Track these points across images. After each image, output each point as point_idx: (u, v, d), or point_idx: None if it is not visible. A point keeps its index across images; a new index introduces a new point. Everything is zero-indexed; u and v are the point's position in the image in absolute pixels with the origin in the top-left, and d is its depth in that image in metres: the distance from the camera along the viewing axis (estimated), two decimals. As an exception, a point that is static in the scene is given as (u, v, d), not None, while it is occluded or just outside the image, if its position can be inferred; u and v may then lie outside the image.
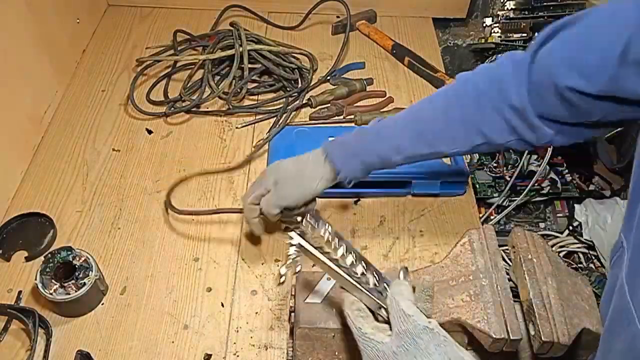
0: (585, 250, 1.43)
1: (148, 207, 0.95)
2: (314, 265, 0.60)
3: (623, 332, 0.50)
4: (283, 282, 0.59)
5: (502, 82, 0.65)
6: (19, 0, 0.97)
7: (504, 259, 0.99)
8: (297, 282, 0.71)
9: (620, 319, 0.51)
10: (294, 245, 0.57)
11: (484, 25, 1.42)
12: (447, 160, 1.00)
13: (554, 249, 1.41)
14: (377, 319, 0.57)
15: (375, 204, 0.97)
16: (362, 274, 0.58)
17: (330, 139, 1.00)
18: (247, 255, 0.89)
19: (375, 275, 0.58)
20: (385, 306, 0.56)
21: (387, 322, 0.55)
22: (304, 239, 0.58)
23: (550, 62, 0.60)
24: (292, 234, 0.58)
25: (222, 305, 0.82)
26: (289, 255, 0.58)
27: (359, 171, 0.75)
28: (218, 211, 0.92)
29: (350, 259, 0.58)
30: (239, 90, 1.11)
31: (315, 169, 0.76)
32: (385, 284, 0.58)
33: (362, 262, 0.59)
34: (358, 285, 0.57)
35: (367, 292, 0.56)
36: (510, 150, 1.49)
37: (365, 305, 0.57)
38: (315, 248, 0.58)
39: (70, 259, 0.79)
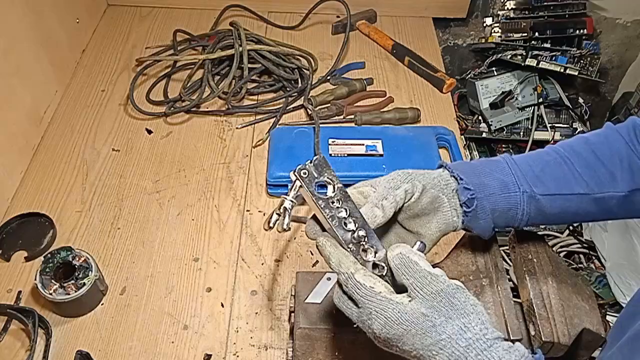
0: (586, 251, 1.43)
1: (148, 207, 0.94)
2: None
3: None
4: (271, 228, 0.54)
5: None
6: (19, 0, 0.97)
7: (504, 259, 0.99)
8: (297, 282, 0.71)
9: None
10: (294, 190, 0.53)
11: (484, 25, 1.42)
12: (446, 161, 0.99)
13: (554, 249, 1.41)
14: None
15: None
16: (363, 243, 0.53)
17: (331, 139, 1.01)
18: (247, 255, 0.88)
19: (375, 248, 0.53)
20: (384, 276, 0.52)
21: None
22: (308, 188, 0.53)
23: None
24: (296, 182, 0.53)
25: (222, 305, 0.82)
26: (286, 199, 0.53)
27: (486, 197, 0.60)
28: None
29: (351, 225, 0.53)
30: (238, 90, 1.11)
31: (428, 172, 0.62)
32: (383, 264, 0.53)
33: (365, 230, 0.53)
34: (353, 254, 0.53)
35: (362, 264, 0.52)
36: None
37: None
38: (318, 199, 0.53)
39: (70, 259, 0.79)
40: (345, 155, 0.98)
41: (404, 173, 0.59)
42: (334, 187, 0.54)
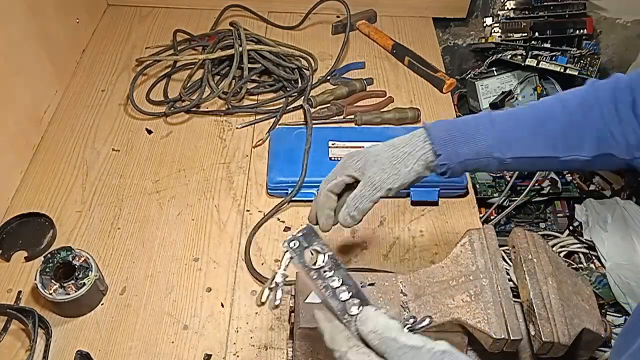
0: (586, 251, 1.43)
1: (148, 207, 0.94)
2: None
3: None
4: (263, 304, 0.54)
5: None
6: (19, 0, 0.97)
7: (504, 259, 0.99)
8: (297, 282, 0.71)
9: None
10: (284, 266, 0.54)
11: (484, 25, 1.42)
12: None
13: (554, 249, 1.41)
14: None
15: (376, 204, 0.96)
16: (353, 314, 0.52)
17: (331, 142, 1.01)
18: (247, 255, 0.88)
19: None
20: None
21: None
22: (299, 260, 0.54)
23: None
24: (286, 254, 0.54)
25: (222, 305, 0.82)
26: (277, 273, 0.54)
27: (459, 163, 0.66)
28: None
29: (345, 294, 0.52)
30: (238, 90, 1.11)
31: (412, 148, 0.67)
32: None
33: (359, 298, 0.52)
34: (346, 325, 0.51)
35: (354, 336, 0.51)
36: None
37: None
38: (310, 270, 0.53)
39: (70, 259, 0.79)
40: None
41: (380, 179, 0.68)
42: (324, 256, 0.54)
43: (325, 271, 0.53)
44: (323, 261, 0.54)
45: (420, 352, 0.46)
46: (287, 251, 0.54)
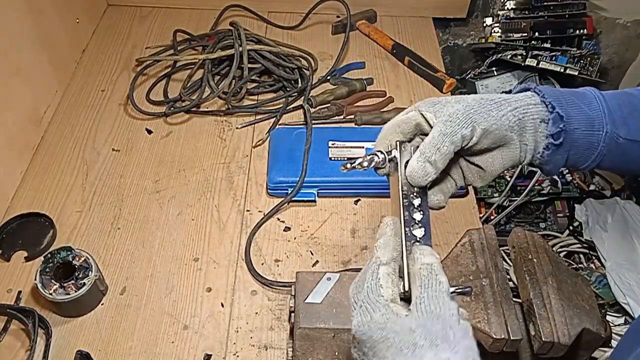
0: (586, 251, 1.43)
1: (148, 207, 0.94)
2: (314, 266, 0.57)
3: None
4: (347, 169, 0.55)
5: None
6: (19, 0, 0.97)
7: (504, 259, 0.99)
8: (297, 282, 0.71)
9: None
10: (389, 153, 0.54)
11: (484, 25, 1.42)
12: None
13: (554, 249, 1.41)
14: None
15: (375, 204, 0.97)
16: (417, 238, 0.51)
17: (331, 142, 1.00)
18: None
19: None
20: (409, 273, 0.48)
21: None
22: (401, 160, 0.54)
23: None
24: (394, 151, 0.54)
25: (222, 305, 0.82)
26: (377, 154, 0.54)
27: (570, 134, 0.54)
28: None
29: (418, 215, 0.52)
30: (238, 90, 1.11)
31: (511, 97, 0.55)
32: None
33: (425, 229, 0.52)
34: (404, 238, 0.51)
35: (405, 252, 0.50)
36: None
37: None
38: (402, 174, 0.53)
39: (70, 259, 0.79)
40: (345, 159, 0.98)
41: (464, 114, 0.52)
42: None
43: (413, 187, 0.54)
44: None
45: (447, 307, 0.44)
46: (394, 148, 0.55)
